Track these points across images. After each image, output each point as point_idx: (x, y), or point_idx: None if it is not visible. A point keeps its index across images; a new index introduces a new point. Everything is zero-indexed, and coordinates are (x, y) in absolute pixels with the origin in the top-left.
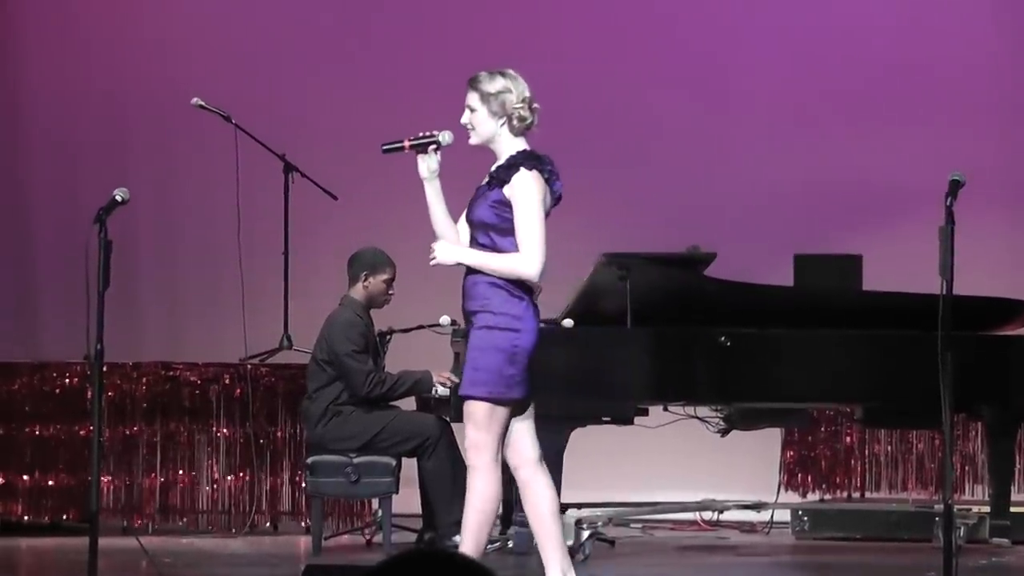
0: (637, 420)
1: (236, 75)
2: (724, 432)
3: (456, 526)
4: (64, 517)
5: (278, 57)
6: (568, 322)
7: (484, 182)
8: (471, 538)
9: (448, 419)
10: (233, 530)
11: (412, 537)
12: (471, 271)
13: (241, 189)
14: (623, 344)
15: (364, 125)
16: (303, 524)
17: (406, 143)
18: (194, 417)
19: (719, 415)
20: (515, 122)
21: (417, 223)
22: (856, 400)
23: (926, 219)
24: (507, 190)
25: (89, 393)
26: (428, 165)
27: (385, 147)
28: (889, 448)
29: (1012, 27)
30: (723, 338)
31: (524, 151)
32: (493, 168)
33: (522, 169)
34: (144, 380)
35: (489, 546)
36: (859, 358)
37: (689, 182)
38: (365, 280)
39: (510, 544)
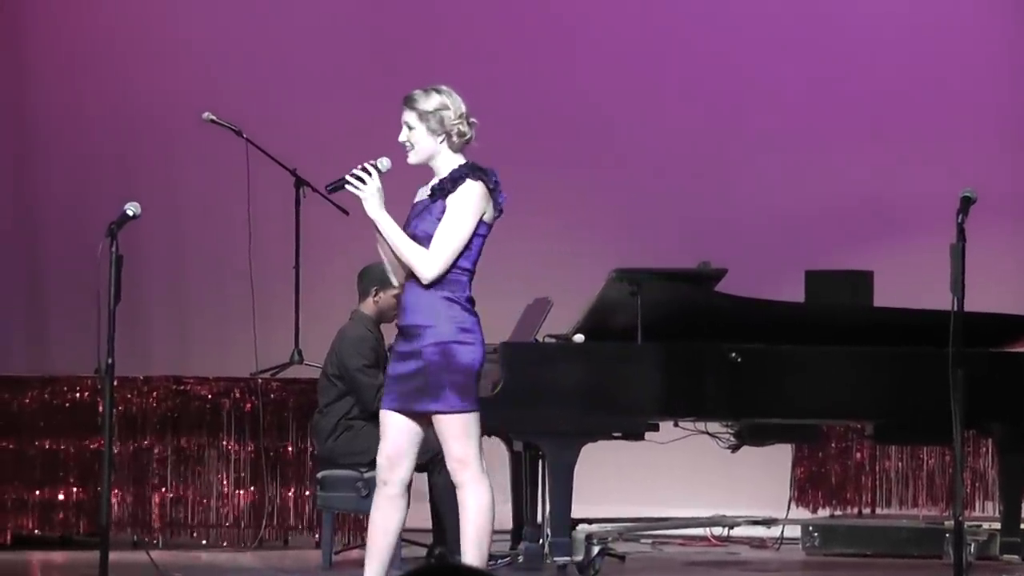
0: (647, 436)
1: (247, 90)
2: (734, 448)
3: None
4: (75, 531)
5: (289, 71)
6: (579, 337)
7: (425, 196)
8: (474, 551)
9: None
10: (243, 544)
11: (422, 552)
12: (418, 286)
13: (252, 203)
14: (633, 360)
15: (376, 140)
16: (313, 538)
17: (348, 177)
18: (204, 431)
19: (729, 431)
20: (455, 138)
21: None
22: (867, 416)
23: (937, 235)
24: (449, 198)
25: (100, 407)
26: None
27: (329, 186)
28: (900, 464)
29: (1020, 46)
30: (733, 354)
31: (469, 163)
32: (435, 182)
33: (469, 180)
34: (154, 394)
35: (499, 561)
36: (870, 374)
37: (700, 198)
38: (375, 295)
39: (520, 559)
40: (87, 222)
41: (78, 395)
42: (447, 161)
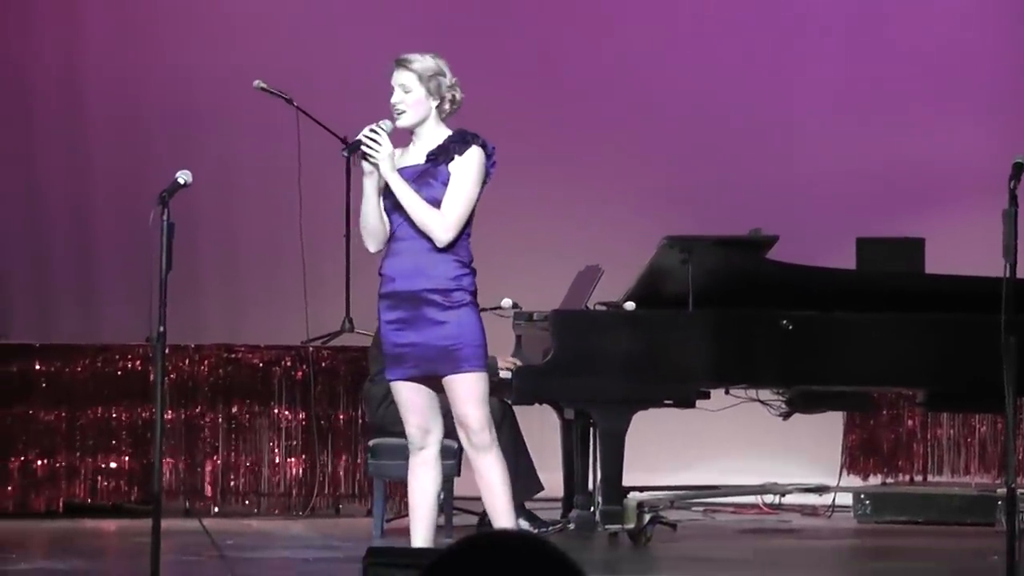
0: (699, 403)
1: (298, 57)
2: (786, 415)
3: (519, 509)
4: (127, 499)
5: (340, 39)
6: (630, 305)
7: (422, 162)
8: (510, 516)
9: (510, 401)
10: (295, 513)
11: (473, 520)
12: (431, 251)
13: (303, 171)
14: (685, 327)
15: None
16: (365, 507)
17: (363, 139)
18: (256, 399)
19: (781, 398)
20: (446, 105)
21: (478, 207)
22: (918, 384)
23: (989, 202)
24: (455, 162)
25: (151, 375)
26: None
27: (344, 150)
28: (951, 432)
29: None
30: (785, 321)
31: (464, 129)
32: (432, 147)
33: (474, 146)
34: (206, 362)
35: (550, 528)
36: (921, 341)
37: (751, 165)
38: None
39: (571, 527)
40: (139, 191)
41: (130, 363)
42: (433, 127)
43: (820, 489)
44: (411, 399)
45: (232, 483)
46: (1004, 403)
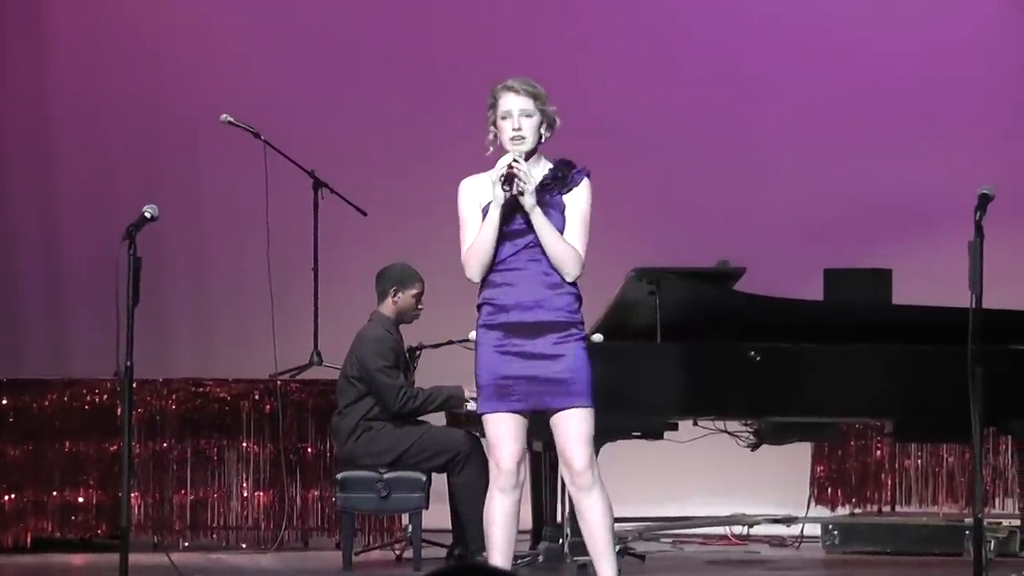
0: (667, 435)
1: (265, 91)
2: (754, 446)
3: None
4: (95, 534)
5: (307, 74)
6: (598, 337)
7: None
8: (611, 559)
9: (478, 434)
10: (263, 546)
11: (442, 553)
12: (557, 284)
13: (270, 205)
14: (653, 359)
15: (393, 141)
16: (333, 540)
17: (517, 172)
18: (224, 433)
19: (749, 429)
20: (548, 133)
21: (446, 238)
22: (887, 414)
23: (957, 232)
24: (572, 194)
25: (119, 409)
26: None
27: (505, 185)
28: (919, 462)
29: None
30: (753, 353)
31: (567, 158)
32: (539, 175)
33: (586, 179)
34: (174, 396)
35: (519, 560)
36: (890, 372)
37: (719, 197)
38: (394, 295)
39: (540, 559)
40: (107, 224)
41: (98, 398)
42: (536, 154)
43: (788, 520)
44: (510, 432)
45: (200, 517)
46: (971, 433)
